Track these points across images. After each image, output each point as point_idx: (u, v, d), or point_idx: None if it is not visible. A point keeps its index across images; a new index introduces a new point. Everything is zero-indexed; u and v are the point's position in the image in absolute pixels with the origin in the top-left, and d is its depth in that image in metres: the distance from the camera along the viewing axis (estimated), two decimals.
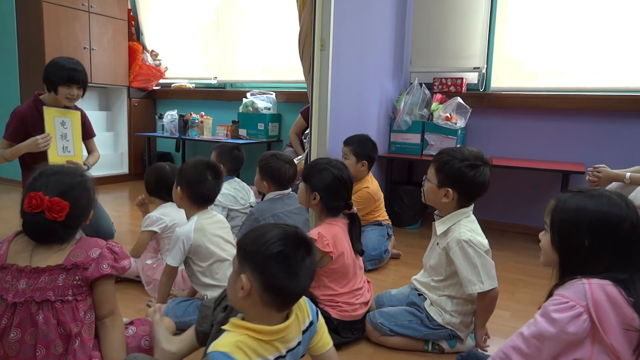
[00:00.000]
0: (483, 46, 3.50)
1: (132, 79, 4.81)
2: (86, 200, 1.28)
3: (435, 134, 3.40)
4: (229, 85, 4.84)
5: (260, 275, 0.99)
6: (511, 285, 2.36)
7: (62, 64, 2.44)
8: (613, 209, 1.01)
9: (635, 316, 0.95)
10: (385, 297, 1.86)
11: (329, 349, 1.17)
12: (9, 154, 2.43)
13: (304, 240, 1.03)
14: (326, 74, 2.60)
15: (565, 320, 0.96)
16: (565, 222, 1.06)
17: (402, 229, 3.39)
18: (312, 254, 1.03)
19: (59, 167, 1.30)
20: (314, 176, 1.72)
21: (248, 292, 0.99)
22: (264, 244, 0.99)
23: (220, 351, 0.96)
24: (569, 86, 3.32)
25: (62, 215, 1.19)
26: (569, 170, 2.88)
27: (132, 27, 4.90)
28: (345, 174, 1.73)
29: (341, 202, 1.72)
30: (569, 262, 1.06)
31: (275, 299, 1.00)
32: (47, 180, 1.23)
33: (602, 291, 0.96)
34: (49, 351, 1.16)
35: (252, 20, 4.53)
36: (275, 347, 1.02)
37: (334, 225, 1.71)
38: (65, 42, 4.16)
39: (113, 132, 4.96)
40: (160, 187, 2.18)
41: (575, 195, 1.06)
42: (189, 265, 1.79)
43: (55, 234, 1.21)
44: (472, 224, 1.62)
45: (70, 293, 1.19)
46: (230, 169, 2.79)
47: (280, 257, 0.98)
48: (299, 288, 1.01)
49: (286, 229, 1.03)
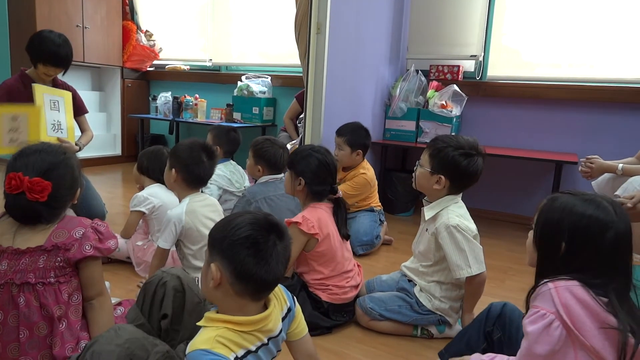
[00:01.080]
0: (481, 34, 3.48)
1: (125, 59, 4.74)
2: (70, 179, 1.22)
3: (431, 121, 3.39)
4: (224, 67, 4.79)
5: (229, 263, 0.95)
6: (502, 273, 2.38)
7: (46, 41, 2.35)
8: (600, 214, 0.96)
9: (607, 315, 0.91)
10: (376, 283, 1.87)
11: (305, 335, 1.16)
12: None
13: (275, 226, 0.99)
14: (322, 58, 2.57)
15: (538, 331, 0.93)
16: (547, 222, 1.02)
17: (395, 216, 3.40)
18: (285, 240, 0.99)
19: (39, 146, 1.22)
20: (298, 162, 1.72)
21: (219, 282, 0.96)
22: (231, 229, 0.96)
23: (200, 349, 0.92)
24: (564, 76, 3.31)
25: (43, 196, 1.14)
26: (562, 160, 2.89)
27: (127, 5, 4.81)
28: (330, 159, 1.74)
29: (326, 186, 1.73)
30: (543, 264, 1.04)
31: (246, 288, 0.96)
32: (27, 159, 1.16)
33: (569, 293, 0.93)
34: (32, 333, 1.14)
35: (248, 2, 4.47)
36: (256, 336, 0.99)
37: (318, 208, 1.71)
38: (57, 20, 4.08)
39: (106, 113, 4.90)
40: (155, 167, 2.16)
41: (566, 196, 1.02)
42: (180, 248, 1.79)
43: (38, 215, 1.16)
44: (461, 209, 1.63)
45: (52, 275, 1.15)
46: (227, 151, 2.78)
47: (248, 241, 0.94)
48: (270, 275, 0.96)
49: (256, 215, 0.99)
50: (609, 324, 0.90)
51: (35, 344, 1.14)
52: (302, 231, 1.61)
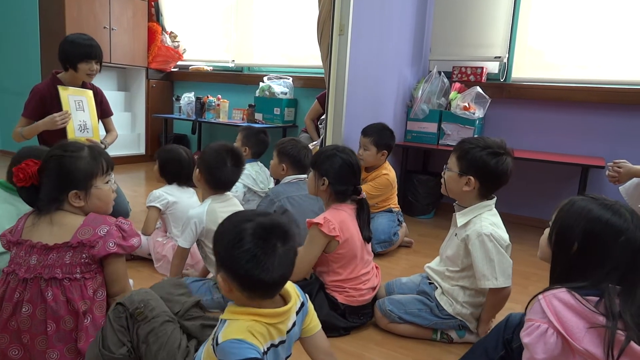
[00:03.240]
0: (505, 35, 3.42)
1: (150, 60, 4.83)
2: (56, 176, 1.25)
3: (453, 123, 3.35)
4: (246, 68, 4.83)
5: (233, 275, 0.97)
6: (524, 279, 2.34)
7: (77, 41, 2.47)
8: (616, 220, 0.98)
9: (595, 315, 0.92)
10: (396, 285, 1.85)
11: (319, 330, 1.18)
12: (27, 132, 2.47)
13: (277, 229, 0.99)
14: (344, 59, 2.57)
15: (534, 341, 0.96)
16: (564, 222, 1.06)
17: (415, 218, 3.37)
18: (288, 242, 0.99)
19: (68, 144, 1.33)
20: (322, 162, 1.72)
21: (229, 289, 0.99)
22: (231, 242, 0.96)
23: (235, 339, 0.94)
24: (591, 78, 3.23)
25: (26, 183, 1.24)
26: (589, 164, 2.82)
27: (152, 7, 4.90)
28: (354, 159, 1.73)
29: (349, 186, 1.71)
30: (556, 262, 1.07)
31: (255, 293, 0.99)
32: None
33: (556, 299, 0.95)
34: (59, 327, 1.17)
35: (271, 4, 4.50)
36: (279, 330, 1.02)
37: (341, 210, 1.70)
38: (86, 22, 4.19)
39: (131, 113, 5.00)
40: (167, 170, 2.22)
41: (587, 200, 1.05)
42: (202, 247, 1.81)
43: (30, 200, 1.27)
44: (494, 217, 1.60)
45: (78, 271, 1.19)
46: (255, 152, 2.82)
47: (248, 255, 0.94)
48: (275, 279, 0.97)
49: (258, 220, 0.99)
50: (597, 323, 0.92)
51: (61, 337, 1.18)
52: (323, 232, 1.61)
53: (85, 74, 2.50)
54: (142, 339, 1.12)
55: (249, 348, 0.93)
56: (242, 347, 0.93)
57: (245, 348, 0.93)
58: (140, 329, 1.12)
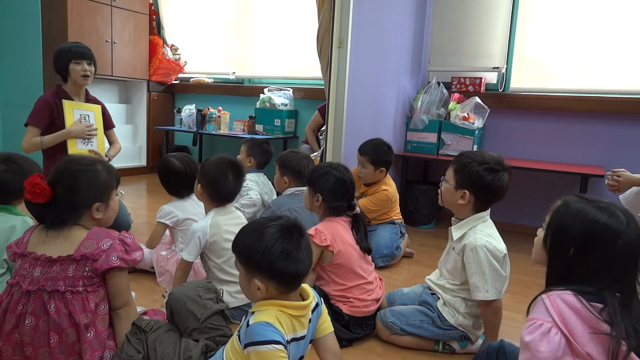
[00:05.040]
0: (503, 46, 3.46)
1: (152, 73, 4.87)
2: (73, 190, 1.26)
3: (452, 133, 3.37)
4: (247, 80, 4.86)
5: (272, 276, 1.08)
6: (525, 288, 2.34)
7: (65, 46, 2.56)
8: (612, 223, 0.96)
9: (599, 321, 0.91)
10: (397, 296, 1.86)
11: (331, 332, 1.23)
12: (49, 140, 2.45)
13: (294, 227, 1.11)
14: (343, 72, 2.60)
15: (538, 339, 0.93)
16: (560, 225, 1.03)
17: (416, 228, 3.37)
18: (305, 234, 1.13)
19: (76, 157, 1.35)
20: (317, 179, 1.77)
21: (266, 291, 1.09)
22: (264, 249, 1.06)
23: (264, 321, 1.04)
24: (589, 87, 3.25)
25: (42, 199, 1.22)
26: (588, 173, 2.83)
27: (153, 21, 4.95)
28: (347, 176, 1.77)
29: (343, 202, 1.75)
30: (552, 266, 1.05)
31: (289, 286, 1.10)
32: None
33: (561, 300, 0.94)
34: (61, 339, 1.18)
35: (271, 17, 4.54)
36: (302, 323, 1.10)
37: (334, 222, 1.74)
38: (88, 35, 4.23)
39: (132, 125, 5.02)
40: (165, 184, 2.19)
41: (582, 202, 1.02)
42: (205, 260, 1.81)
43: (41, 216, 1.26)
44: (489, 228, 1.61)
45: (80, 284, 1.20)
46: (260, 163, 2.83)
47: (284, 255, 1.06)
48: (305, 267, 1.10)
49: (280, 223, 1.11)
50: (601, 330, 0.91)
51: (64, 350, 1.18)
52: (315, 243, 1.63)
53: (80, 76, 2.51)
54: (150, 345, 1.24)
55: (276, 332, 1.04)
56: (269, 329, 1.03)
57: (272, 331, 1.03)
58: (149, 338, 1.25)
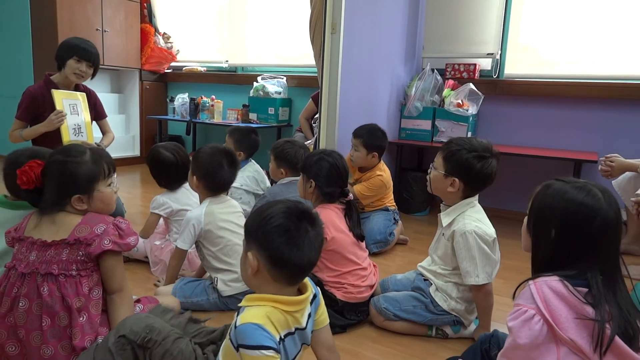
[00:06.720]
0: (497, 32, 3.44)
1: (144, 62, 4.82)
2: (58, 179, 1.27)
3: (446, 120, 3.37)
4: (240, 69, 4.83)
5: (264, 251, 1.01)
6: (519, 273, 2.35)
7: (75, 41, 2.51)
8: (589, 201, 0.97)
9: (584, 306, 0.91)
10: (391, 282, 1.87)
11: (326, 325, 1.19)
12: (27, 134, 2.47)
13: (306, 213, 1.04)
14: (336, 58, 2.58)
15: (519, 325, 0.94)
16: (540, 208, 1.04)
17: (410, 215, 3.38)
18: (317, 227, 1.05)
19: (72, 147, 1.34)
20: (311, 165, 1.77)
21: (256, 269, 1.02)
22: (264, 219, 1.02)
23: (253, 323, 0.95)
24: (583, 73, 3.25)
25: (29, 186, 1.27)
26: (582, 159, 2.84)
27: (145, 9, 4.89)
28: (340, 163, 1.77)
29: (336, 188, 1.76)
30: (537, 249, 1.05)
31: (282, 273, 1.02)
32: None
33: (547, 286, 0.94)
34: (53, 322, 1.19)
35: (264, 4, 4.49)
36: (296, 319, 1.04)
37: (327, 208, 1.74)
38: (78, 24, 4.17)
39: (125, 115, 4.98)
40: (156, 176, 2.16)
41: (559, 183, 1.04)
42: (200, 248, 1.81)
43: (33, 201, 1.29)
44: (478, 213, 1.61)
45: (74, 268, 1.21)
46: (249, 154, 2.81)
47: (281, 229, 1.00)
48: (303, 260, 1.01)
49: (287, 204, 1.05)
50: (585, 315, 0.91)
51: (56, 333, 1.19)
52: None
53: (73, 73, 2.49)
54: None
55: (266, 336, 0.95)
56: (259, 332, 0.95)
57: (261, 335, 0.94)
58: (154, 354, 1.13)
